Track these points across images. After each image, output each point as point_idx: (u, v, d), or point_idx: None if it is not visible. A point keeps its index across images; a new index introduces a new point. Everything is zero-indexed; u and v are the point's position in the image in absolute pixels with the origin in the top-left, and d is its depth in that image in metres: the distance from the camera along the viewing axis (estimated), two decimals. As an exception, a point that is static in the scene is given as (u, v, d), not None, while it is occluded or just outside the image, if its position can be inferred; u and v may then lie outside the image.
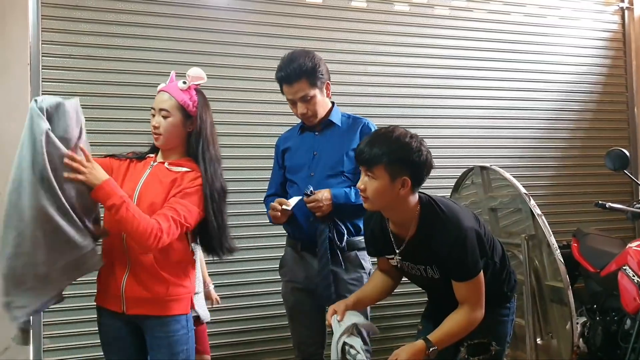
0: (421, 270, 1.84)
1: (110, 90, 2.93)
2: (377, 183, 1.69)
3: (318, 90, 2.21)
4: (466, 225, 1.74)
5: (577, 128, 3.92)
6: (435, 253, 1.75)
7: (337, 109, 2.34)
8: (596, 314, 3.01)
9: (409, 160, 1.68)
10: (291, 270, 2.32)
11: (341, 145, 2.24)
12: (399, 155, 1.68)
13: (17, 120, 2.73)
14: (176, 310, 1.84)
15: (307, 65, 2.16)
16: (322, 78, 2.22)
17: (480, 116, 3.66)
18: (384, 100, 3.46)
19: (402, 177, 1.68)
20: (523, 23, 3.80)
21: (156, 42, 3.04)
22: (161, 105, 1.86)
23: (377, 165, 1.68)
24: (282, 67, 2.19)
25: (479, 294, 1.76)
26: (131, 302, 1.80)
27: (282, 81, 2.20)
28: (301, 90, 2.17)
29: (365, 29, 3.44)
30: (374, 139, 1.73)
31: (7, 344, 2.68)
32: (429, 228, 1.75)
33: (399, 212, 1.77)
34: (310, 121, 2.26)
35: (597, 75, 3.98)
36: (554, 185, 3.83)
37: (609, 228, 3.72)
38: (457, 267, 1.74)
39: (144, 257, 1.78)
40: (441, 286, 1.82)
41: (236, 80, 3.18)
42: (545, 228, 2.61)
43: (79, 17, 2.92)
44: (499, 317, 1.93)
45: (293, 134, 2.41)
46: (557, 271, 2.59)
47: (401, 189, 1.69)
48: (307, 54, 2.21)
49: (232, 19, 3.18)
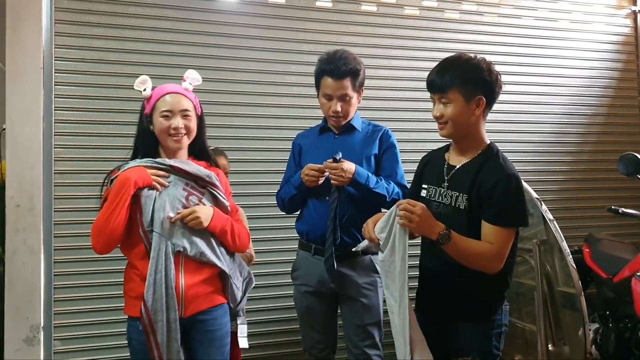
0: (451, 199, 1.79)
1: (122, 93, 2.95)
2: (453, 106, 1.74)
3: (356, 94, 2.24)
4: (519, 179, 1.73)
5: (589, 132, 3.89)
6: (480, 183, 1.73)
7: (358, 115, 2.35)
8: (609, 320, 2.97)
9: (482, 79, 1.74)
10: (304, 275, 2.32)
11: (361, 150, 2.26)
12: (471, 75, 1.73)
13: (30, 123, 2.78)
14: (224, 299, 1.94)
15: (355, 67, 2.19)
16: (362, 83, 2.26)
17: (491, 120, 3.61)
18: (395, 104, 3.45)
19: (477, 96, 1.73)
20: (534, 27, 3.78)
21: (167, 46, 3.05)
22: (182, 106, 1.88)
23: (452, 89, 1.73)
24: (331, 61, 2.18)
25: (504, 248, 1.70)
26: (190, 301, 1.82)
27: (329, 74, 2.19)
28: (344, 88, 2.19)
29: (375, 32, 3.44)
30: (444, 66, 1.77)
31: (18, 346, 2.71)
32: (485, 160, 1.77)
33: (469, 139, 1.80)
34: (339, 122, 2.27)
35: (609, 79, 3.95)
36: (566, 190, 3.80)
37: (621, 233, 3.69)
38: (495, 205, 1.69)
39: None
40: (456, 224, 1.73)
41: (247, 85, 3.19)
42: (557, 233, 2.59)
43: (91, 21, 2.94)
44: (483, 330, 1.80)
45: (312, 134, 2.42)
46: (569, 277, 2.57)
47: (476, 109, 1.75)
48: (354, 56, 2.24)
49: (243, 24, 3.18)
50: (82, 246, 2.85)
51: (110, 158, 2.93)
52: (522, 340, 2.92)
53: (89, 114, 2.92)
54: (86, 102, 2.92)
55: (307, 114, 3.20)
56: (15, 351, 2.71)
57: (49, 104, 2.83)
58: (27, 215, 2.74)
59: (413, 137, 3.42)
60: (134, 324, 1.81)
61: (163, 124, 1.87)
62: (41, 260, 2.76)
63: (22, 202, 2.74)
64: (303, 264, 2.33)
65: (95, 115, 2.93)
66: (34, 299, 2.74)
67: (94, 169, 2.90)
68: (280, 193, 2.39)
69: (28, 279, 2.73)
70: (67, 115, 2.89)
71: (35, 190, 2.76)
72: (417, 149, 3.17)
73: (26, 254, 2.73)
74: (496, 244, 1.69)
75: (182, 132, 1.88)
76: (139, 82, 1.92)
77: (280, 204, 2.41)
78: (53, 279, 2.82)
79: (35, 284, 2.74)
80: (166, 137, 1.88)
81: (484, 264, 1.70)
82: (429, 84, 1.81)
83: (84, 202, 2.88)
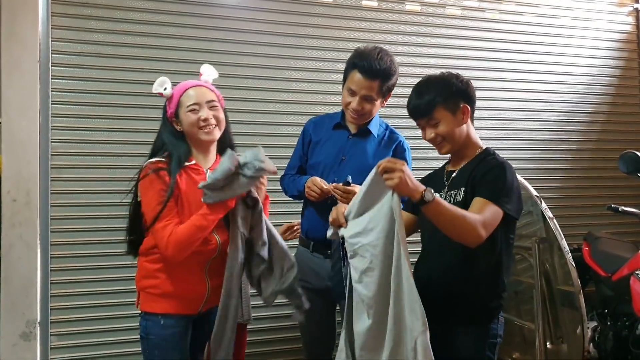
0: (450, 197, 1.81)
1: (119, 87, 2.93)
2: (443, 124, 1.81)
3: (381, 98, 2.16)
4: (513, 169, 1.77)
5: (590, 130, 3.87)
6: (474, 175, 1.76)
7: (376, 120, 2.27)
8: (607, 318, 2.97)
9: (458, 89, 1.82)
10: (302, 270, 2.29)
11: (372, 158, 2.18)
12: (448, 90, 1.81)
13: (27, 118, 2.76)
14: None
15: (389, 70, 2.09)
16: (390, 89, 2.17)
17: (490, 117, 3.62)
18: (394, 101, 3.42)
19: (459, 106, 1.81)
20: (535, 24, 3.76)
21: (166, 40, 3.03)
22: (207, 97, 1.85)
23: (436, 108, 1.80)
24: (368, 57, 2.07)
25: (490, 220, 1.64)
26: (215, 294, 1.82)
27: (360, 70, 2.07)
28: (371, 89, 2.09)
29: (377, 28, 3.41)
30: (420, 91, 1.84)
31: (15, 341, 2.70)
32: (482, 160, 1.83)
33: (465, 146, 1.86)
34: (357, 120, 2.19)
35: (610, 77, 3.93)
36: (566, 188, 3.79)
37: (621, 232, 3.68)
38: (487, 184, 1.71)
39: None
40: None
41: (247, 79, 3.16)
42: (557, 231, 2.58)
43: (89, 14, 2.91)
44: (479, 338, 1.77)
45: (325, 125, 2.31)
46: (568, 275, 2.57)
47: (463, 118, 1.82)
48: (392, 58, 2.13)
49: (242, 18, 3.16)
50: (79, 241, 2.85)
51: (107, 153, 2.91)
52: (520, 338, 2.92)
53: (86, 108, 2.90)
54: (83, 96, 2.90)
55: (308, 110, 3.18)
56: (12, 346, 2.70)
57: (45, 98, 2.81)
58: (24, 210, 2.73)
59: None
60: (154, 319, 1.81)
61: (191, 117, 1.82)
62: (37, 256, 2.75)
63: (19, 197, 2.73)
64: (301, 260, 2.31)
65: (93, 109, 2.91)
66: (31, 294, 2.73)
67: (91, 164, 2.88)
68: (285, 184, 2.36)
69: (24, 274, 2.72)
70: (64, 110, 2.87)
71: (31, 185, 2.74)
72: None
73: (22, 249, 2.72)
74: (481, 215, 1.64)
75: (212, 122, 1.84)
76: (158, 84, 1.85)
77: (284, 192, 2.37)
78: (50, 274, 2.80)
79: (32, 279, 2.73)
80: (197, 130, 1.83)
81: (467, 229, 1.60)
82: (412, 110, 1.86)
83: (80, 197, 2.87)
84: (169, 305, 1.81)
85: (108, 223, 2.88)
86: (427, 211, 1.57)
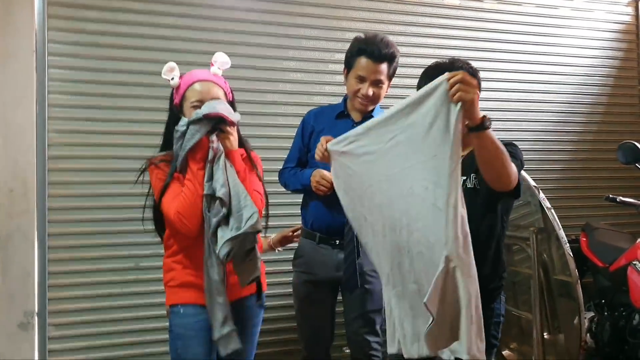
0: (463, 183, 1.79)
1: (116, 78, 2.91)
2: None
3: (388, 81, 2.18)
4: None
5: (588, 121, 3.86)
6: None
7: (378, 108, 2.28)
8: (604, 309, 2.98)
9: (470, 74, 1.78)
10: (307, 262, 2.28)
11: None
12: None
13: (23, 107, 2.74)
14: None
15: (394, 53, 2.14)
16: (394, 72, 2.19)
17: (489, 108, 3.61)
18: (394, 92, 3.41)
19: None
20: (534, 14, 3.74)
21: (163, 30, 3.00)
22: (212, 94, 1.80)
23: None
24: (373, 42, 2.10)
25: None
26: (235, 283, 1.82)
27: (368, 55, 2.10)
28: (380, 72, 2.12)
29: (375, 18, 3.39)
30: (429, 75, 1.75)
31: (12, 331, 2.70)
32: None
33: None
34: (366, 107, 2.20)
35: (610, 67, 3.92)
36: (564, 178, 3.78)
37: (619, 223, 3.68)
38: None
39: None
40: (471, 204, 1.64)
41: (244, 70, 3.13)
42: (555, 221, 2.58)
43: (85, 3, 2.89)
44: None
45: (327, 116, 2.30)
46: (565, 265, 2.57)
47: None
48: (393, 42, 2.17)
49: (239, 7, 3.13)
50: (77, 232, 2.84)
51: (105, 143, 2.90)
52: (517, 329, 2.93)
53: (84, 98, 2.88)
54: (80, 86, 2.88)
55: (306, 100, 3.18)
56: (10, 337, 2.70)
57: (42, 88, 2.79)
58: (21, 201, 2.72)
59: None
60: (175, 310, 1.82)
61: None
62: (35, 246, 2.74)
63: (16, 187, 2.72)
64: (306, 251, 2.30)
65: (90, 99, 2.89)
66: (28, 284, 2.72)
67: (89, 154, 2.87)
68: (285, 178, 2.34)
69: (22, 265, 2.72)
70: (61, 100, 2.85)
71: (28, 176, 2.73)
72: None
73: (20, 240, 2.71)
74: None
75: None
76: (166, 70, 1.82)
77: (283, 186, 2.36)
78: (47, 264, 2.80)
79: (29, 270, 2.73)
80: None
81: (509, 169, 1.58)
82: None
83: (78, 188, 2.86)
84: (188, 295, 1.81)
85: (106, 213, 2.87)
86: (481, 139, 1.51)
